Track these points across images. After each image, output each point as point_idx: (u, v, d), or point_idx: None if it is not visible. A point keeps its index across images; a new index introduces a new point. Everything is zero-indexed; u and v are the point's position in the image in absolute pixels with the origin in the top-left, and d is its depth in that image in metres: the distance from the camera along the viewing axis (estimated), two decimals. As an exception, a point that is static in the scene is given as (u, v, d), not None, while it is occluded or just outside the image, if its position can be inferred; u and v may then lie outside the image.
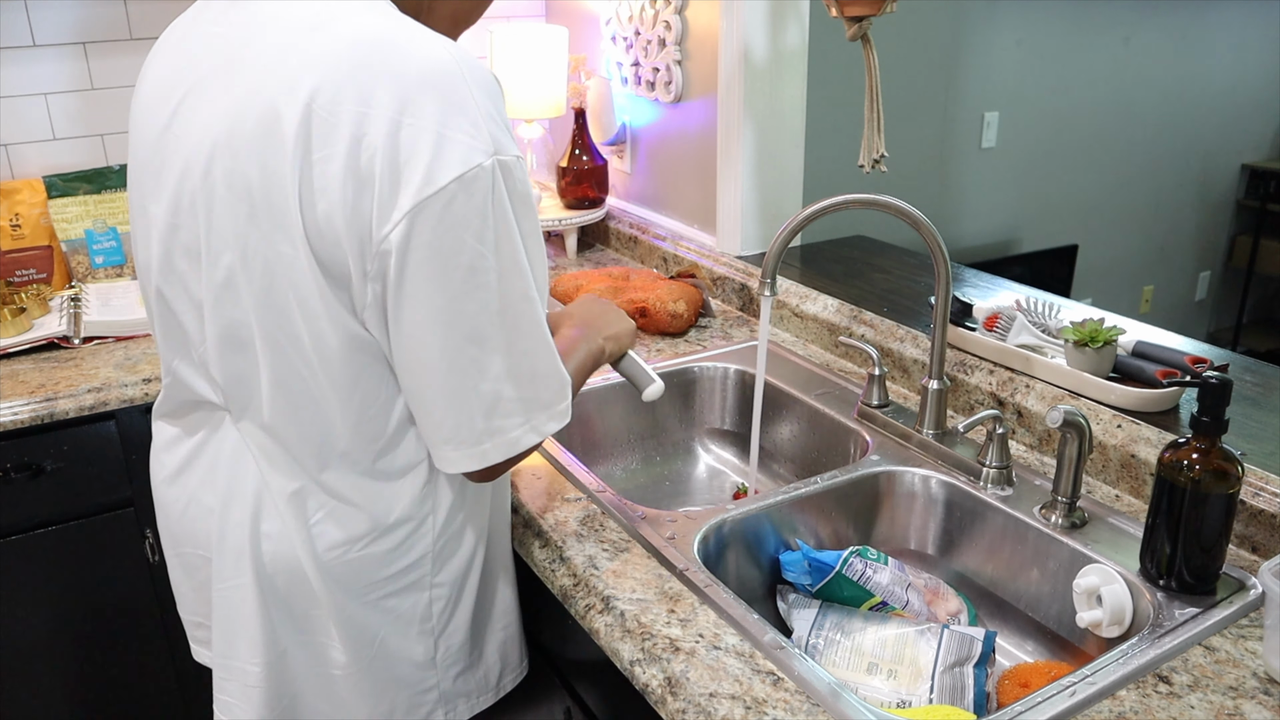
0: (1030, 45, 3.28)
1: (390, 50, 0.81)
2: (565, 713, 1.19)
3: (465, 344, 0.84)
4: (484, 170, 0.80)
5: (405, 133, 0.78)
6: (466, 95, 0.80)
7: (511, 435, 0.89)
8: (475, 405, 0.86)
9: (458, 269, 0.81)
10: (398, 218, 0.79)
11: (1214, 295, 4.29)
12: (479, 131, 0.80)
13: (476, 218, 0.80)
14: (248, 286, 0.86)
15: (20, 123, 1.88)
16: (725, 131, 1.79)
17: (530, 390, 0.89)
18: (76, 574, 1.59)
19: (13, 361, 1.61)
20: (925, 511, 1.24)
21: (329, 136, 0.79)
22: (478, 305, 0.83)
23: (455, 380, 0.85)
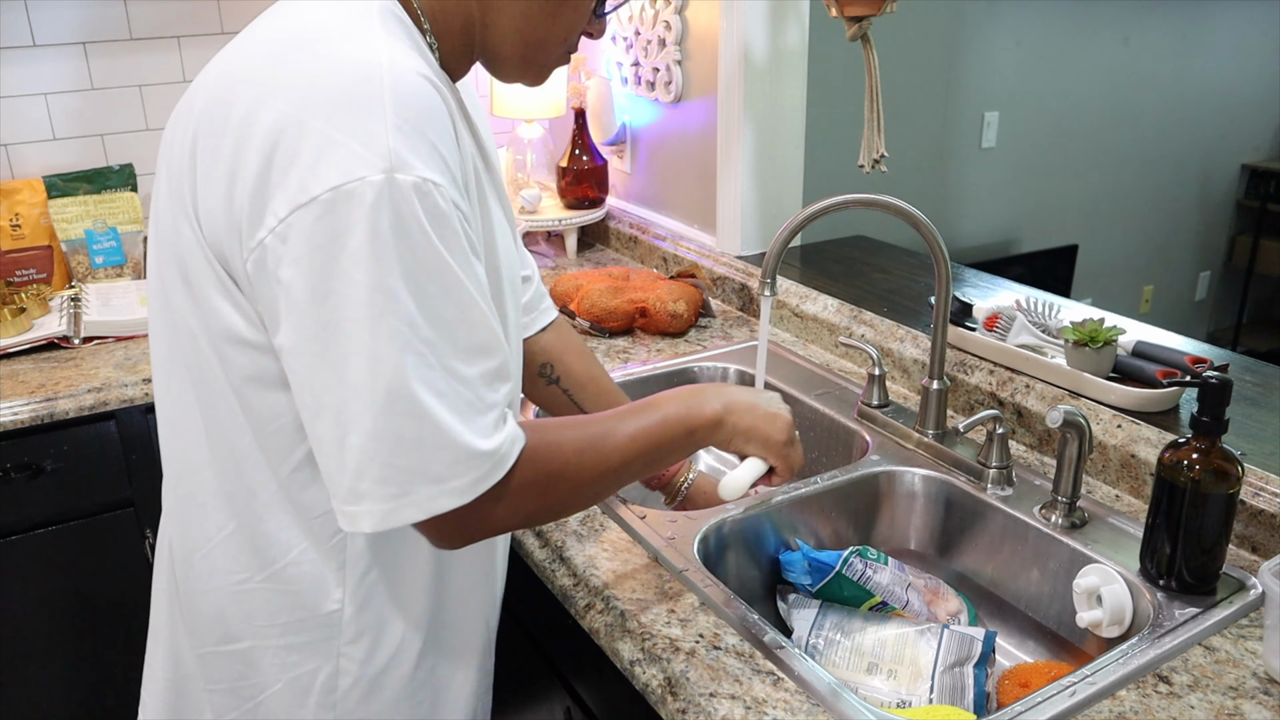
0: (1030, 45, 3.28)
1: (311, 45, 0.74)
2: (565, 713, 1.19)
3: (331, 383, 0.71)
4: (368, 185, 0.68)
5: (290, 134, 0.70)
6: (374, 103, 0.70)
7: (384, 506, 0.73)
8: (344, 458, 0.73)
9: (328, 295, 0.70)
10: (270, 223, 0.71)
11: (1214, 295, 4.29)
12: (374, 142, 0.69)
13: (354, 240, 0.69)
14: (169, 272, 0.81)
15: (20, 123, 1.88)
16: (725, 131, 1.79)
17: (409, 459, 0.72)
18: (76, 574, 1.59)
19: (13, 361, 1.61)
20: (925, 511, 1.24)
21: (219, 135, 0.74)
22: (346, 343, 0.70)
23: (324, 423, 0.73)
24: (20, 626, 1.58)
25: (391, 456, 0.72)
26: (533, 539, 1.14)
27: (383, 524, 0.74)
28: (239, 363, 0.79)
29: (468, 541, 0.82)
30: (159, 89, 1.98)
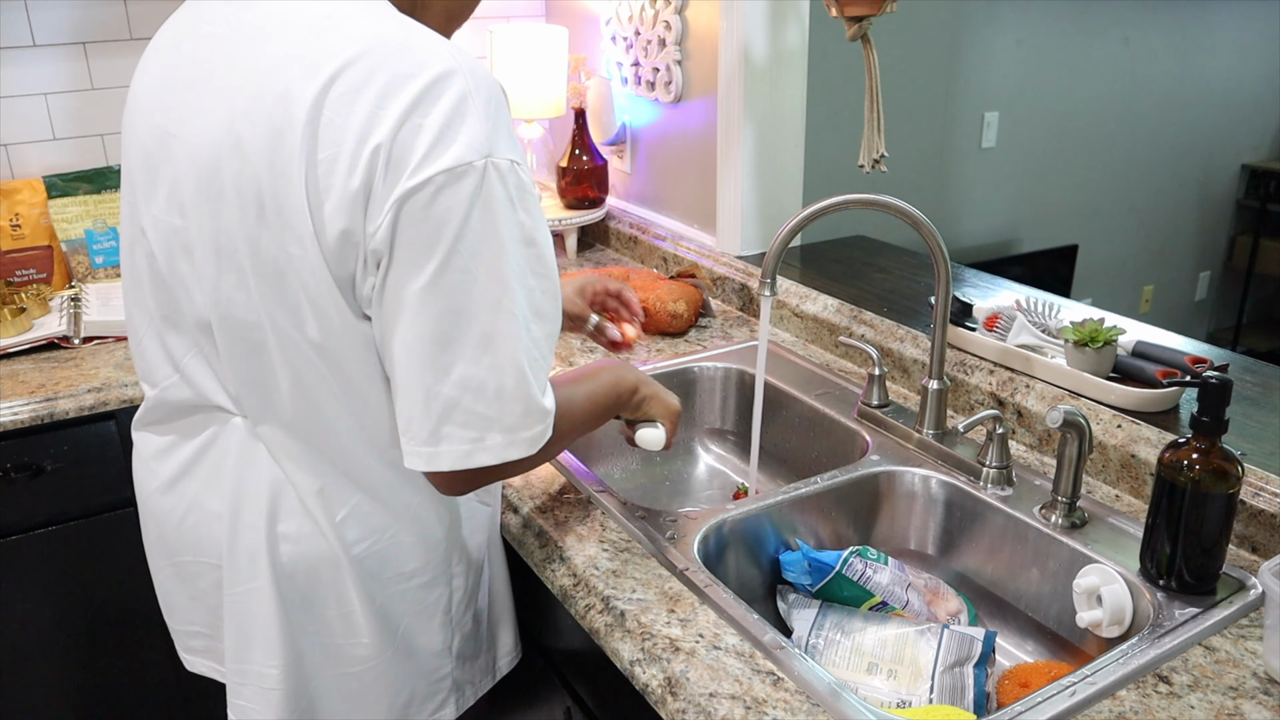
0: (1030, 45, 3.28)
1: (398, 54, 0.81)
2: (565, 713, 1.19)
3: (428, 340, 0.83)
4: (473, 169, 0.80)
5: (405, 132, 0.79)
6: (469, 99, 0.81)
7: (461, 448, 0.86)
8: (430, 405, 0.84)
9: (431, 262, 0.81)
10: (387, 208, 0.80)
11: (1214, 295, 4.29)
12: (475, 133, 0.81)
13: (459, 214, 0.80)
14: (259, 288, 0.86)
15: (20, 123, 1.88)
16: (725, 131, 1.79)
17: (490, 408, 0.85)
18: (76, 574, 1.59)
19: (13, 361, 1.61)
20: (925, 511, 1.24)
21: (335, 137, 0.80)
22: (446, 304, 0.82)
23: (414, 374, 0.84)
24: (20, 626, 1.58)
25: (475, 403, 0.84)
26: (533, 539, 1.14)
27: (458, 464, 0.86)
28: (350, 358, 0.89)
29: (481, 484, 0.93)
30: (159, 89, 1.98)
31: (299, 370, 0.89)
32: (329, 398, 0.91)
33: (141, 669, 1.69)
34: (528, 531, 1.15)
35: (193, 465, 0.99)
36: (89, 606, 1.61)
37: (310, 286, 0.84)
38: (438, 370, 0.83)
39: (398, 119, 0.79)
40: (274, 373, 0.90)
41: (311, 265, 0.83)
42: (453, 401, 0.84)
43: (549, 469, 1.26)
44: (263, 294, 0.86)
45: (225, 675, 1.04)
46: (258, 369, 0.91)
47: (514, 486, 1.22)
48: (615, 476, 1.52)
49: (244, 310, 0.88)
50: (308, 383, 0.90)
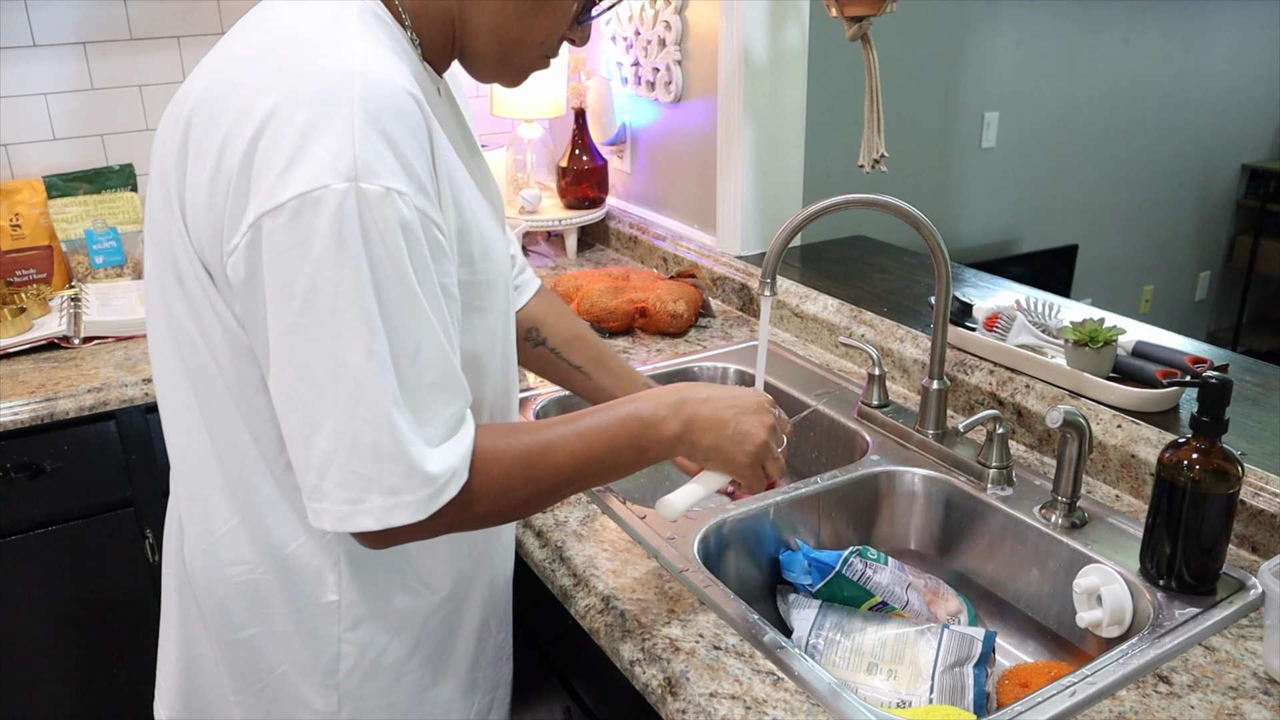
0: (1030, 45, 3.28)
1: (290, 51, 0.75)
2: (565, 713, 1.19)
3: (299, 385, 0.74)
4: (332, 193, 0.70)
5: (266, 139, 0.72)
6: (344, 110, 0.71)
7: (340, 509, 0.75)
8: (309, 457, 0.75)
9: (293, 299, 0.72)
10: (243, 229, 0.73)
11: (1214, 295, 4.29)
12: (342, 150, 0.70)
13: (318, 245, 0.71)
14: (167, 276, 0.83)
15: (20, 123, 1.88)
16: (725, 131, 1.79)
17: (367, 467, 0.74)
18: (76, 574, 1.59)
19: (13, 361, 1.61)
20: (925, 511, 1.24)
21: (206, 136, 0.76)
22: (312, 345, 0.73)
23: (292, 421, 0.75)
24: (20, 626, 1.58)
25: (350, 461, 0.74)
26: (533, 539, 1.14)
27: (341, 525, 0.76)
28: (231, 362, 0.82)
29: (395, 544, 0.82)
30: (159, 89, 1.98)
31: (194, 369, 0.84)
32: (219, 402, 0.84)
33: (141, 669, 1.69)
34: (528, 531, 1.15)
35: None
36: (89, 606, 1.61)
37: (188, 279, 0.81)
38: (311, 420, 0.74)
39: (259, 123, 0.72)
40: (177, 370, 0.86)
41: (188, 260, 0.80)
42: (328, 456, 0.74)
43: (549, 469, 1.26)
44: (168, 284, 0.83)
45: None
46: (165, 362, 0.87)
47: (514, 486, 1.22)
48: (615, 476, 1.52)
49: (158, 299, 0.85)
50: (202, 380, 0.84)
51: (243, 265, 0.74)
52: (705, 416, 0.92)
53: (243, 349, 0.80)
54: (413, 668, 0.94)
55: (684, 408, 0.91)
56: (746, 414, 0.95)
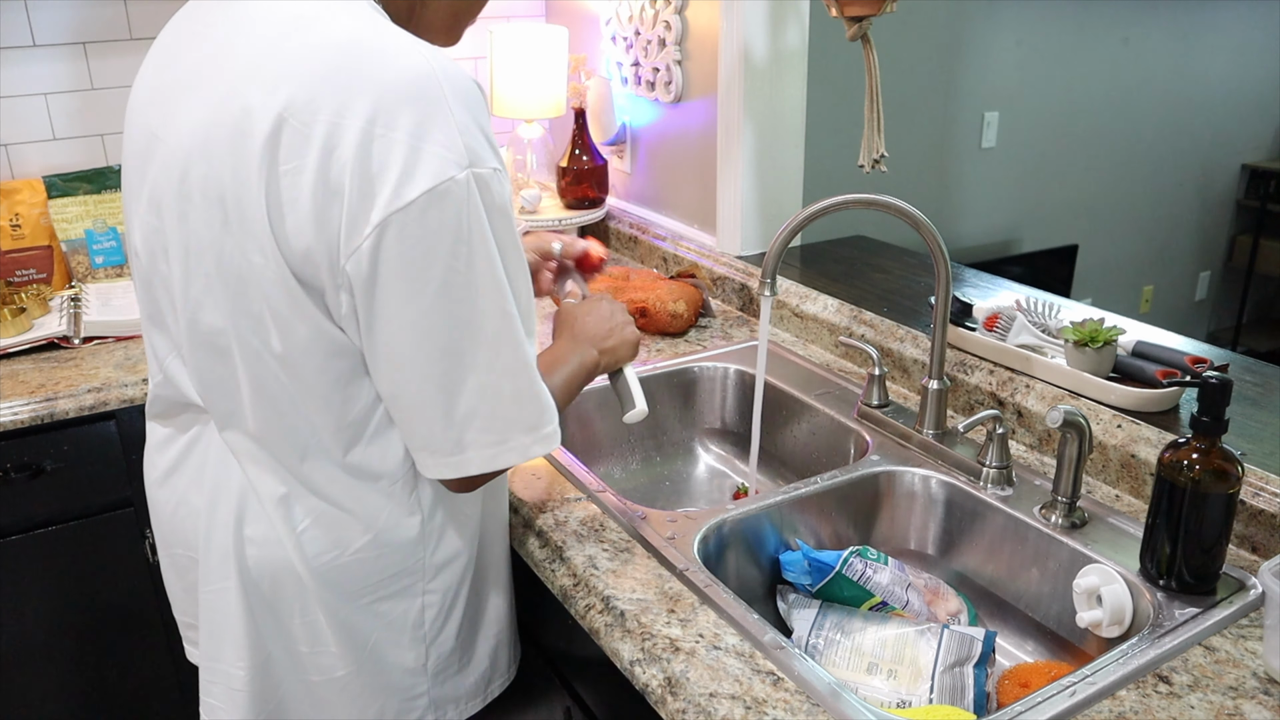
0: (1030, 45, 3.28)
1: (366, 58, 0.79)
2: (565, 713, 1.19)
3: (440, 358, 0.83)
4: (457, 184, 0.78)
5: (378, 145, 0.77)
6: (442, 106, 0.78)
7: (488, 452, 0.87)
8: (451, 418, 0.85)
9: (430, 282, 0.80)
10: (367, 231, 0.78)
11: (1214, 295, 4.29)
12: (453, 144, 0.78)
13: (450, 231, 0.79)
14: (224, 293, 0.85)
15: (20, 123, 1.88)
16: (725, 131, 1.79)
17: (508, 410, 0.87)
18: (76, 574, 1.59)
19: (13, 361, 1.61)
20: (925, 511, 1.24)
21: (300, 148, 0.78)
22: (452, 320, 0.82)
23: (430, 393, 0.84)
24: (20, 626, 1.58)
25: (495, 409, 0.86)
26: (533, 539, 1.14)
27: (486, 466, 0.88)
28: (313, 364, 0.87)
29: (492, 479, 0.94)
30: (159, 89, 1.98)
31: (261, 380, 0.88)
32: (291, 408, 0.89)
33: (141, 669, 1.69)
34: (528, 531, 1.15)
35: (182, 460, 1.00)
36: (89, 606, 1.61)
37: (272, 297, 0.83)
38: (454, 384, 0.84)
39: (363, 130, 0.77)
40: (237, 380, 0.89)
41: (273, 275, 0.82)
42: (472, 410, 0.85)
43: (548, 467, 1.26)
44: (228, 300, 0.85)
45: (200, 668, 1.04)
46: (222, 374, 0.90)
47: (513, 487, 1.22)
48: (615, 476, 1.52)
49: (210, 315, 0.87)
50: (270, 392, 0.88)
51: (366, 263, 0.79)
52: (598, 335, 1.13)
53: (338, 348, 0.86)
54: (472, 599, 1.06)
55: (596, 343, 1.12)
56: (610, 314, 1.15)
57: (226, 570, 0.96)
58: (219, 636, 0.99)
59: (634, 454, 1.54)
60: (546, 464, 1.27)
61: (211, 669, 1.01)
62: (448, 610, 1.03)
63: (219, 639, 0.99)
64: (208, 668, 1.02)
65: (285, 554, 0.94)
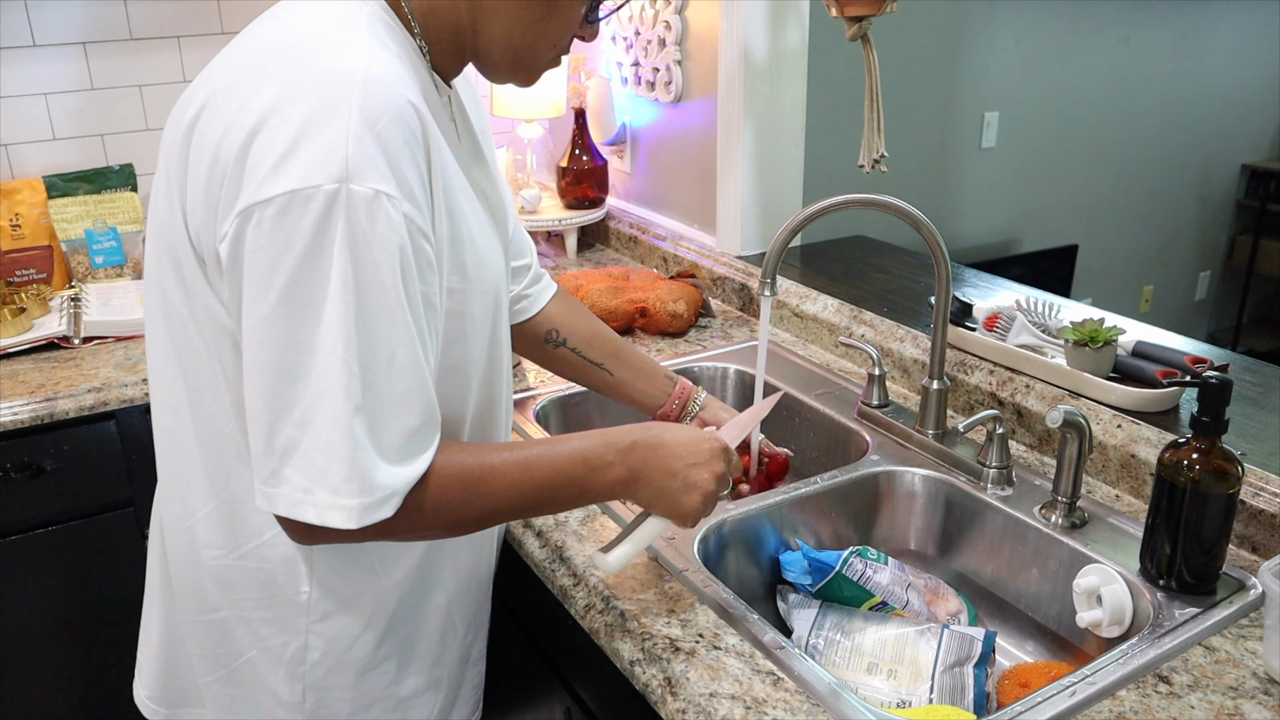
0: (1030, 45, 3.28)
1: (296, 54, 0.77)
2: (565, 713, 1.19)
3: (271, 374, 0.76)
4: (321, 193, 0.72)
5: (263, 135, 0.74)
6: (341, 112, 0.73)
7: (293, 495, 0.77)
8: (273, 443, 0.77)
9: (271, 290, 0.74)
10: (231, 217, 0.75)
11: (1214, 295, 4.29)
12: (334, 152, 0.73)
13: (302, 241, 0.73)
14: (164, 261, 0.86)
15: (20, 123, 1.88)
16: (725, 131, 1.79)
17: (320, 459, 0.76)
18: (76, 574, 1.59)
19: (13, 361, 1.61)
20: (925, 511, 1.24)
21: (207, 132, 0.78)
22: (286, 338, 0.74)
23: (259, 408, 0.77)
24: (20, 626, 1.58)
25: (309, 451, 0.76)
26: (533, 539, 1.14)
27: (291, 512, 0.77)
28: (219, 349, 0.84)
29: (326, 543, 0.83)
30: (159, 89, 1.98)
31: (184, 352, 0.87)
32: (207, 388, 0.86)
33: (141, 669, 1.69)
34: (528, 531, 1.15)
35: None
36: (89, 606, 1.61)
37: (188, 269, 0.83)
38: (280, 407, 0.76)
39: (257, 119, 0.74)
40: (168, 352, 0.89)
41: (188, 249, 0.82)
42: (293, 443, 0.76)
43: (549, 469, 1.26)
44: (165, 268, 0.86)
45: None
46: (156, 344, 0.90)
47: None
48: (615, 476, 1.52)
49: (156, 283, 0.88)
50: (190, 366, 0.87)
51: (228, 252, 0.76)
52: (653, 466, 0.89)
53: (231, 335, 0.82)
54: (378, 660, 0.96)
55: (632, 454, 0.89)
56: (698, 465, 0.91)
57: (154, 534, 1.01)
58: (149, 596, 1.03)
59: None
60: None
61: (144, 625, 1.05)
62: (338, 657, 0.93)
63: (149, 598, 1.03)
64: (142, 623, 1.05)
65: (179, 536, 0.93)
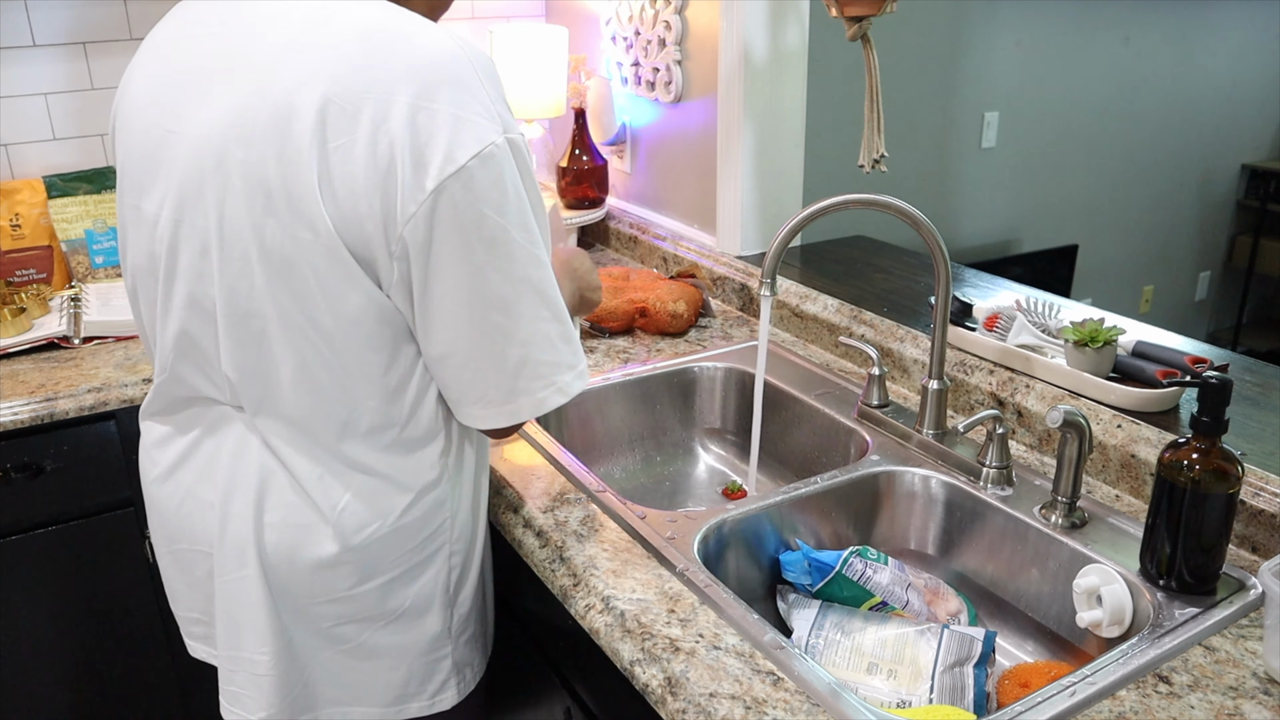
0: (1030, 45, 3.28)
1: (399, 41, 0.85)
2: (565, 713, 1.19)
3: (491, 311, 0.89)
4: (498, 148, 0.85)
5: (422, 117, 0.82)
6: (474, 81, 0.85)
7: (539, 395, 0.94)
8: (504, 368, 0.91)
9: (480, 242, 0.86)
10: (422, 197, 0.83)
11: (1214, 295, 4.29)
12: (489, 113, 0.85)
13: (494, 193, 0.85)
14: (264, 276, 0.87)
15: (20, 123, 1.88)
16: (725, 131, 1.79)
17: (554, 353, 0.93)
18: (76, 574, 1.59)
19: (13, 361, 1.61)
20: (925, 511, 1.24)
21: (347, 126, 0.82)
22: (501, 275, 0.88)
23: (484, 346, 0.90)
24: (20, 626, 1.58)
25: (541, 354, 0.93)
26: (533, 539, 1.14)
27: (535, 411, 0.95)
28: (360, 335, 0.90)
29: None
30: (159, 89, 1.98)
31: (304, 357, 0.91)
32: (333, 385, 0.92)
33: (141, 668, 1.69)
34: (528, 531, 1.15)
35: (188, 455, 1.01)
36: (89, 606, 1.61)
37: (322, 271, 0.86)
38: (505, 335, 0.90)
39: (409, 104, 0.82)
40: (275, 361, 0.91)
41: (324, 250, 0.85)
42: (523, 358, 0.91)
43: (549, 468, 1.26)
44: (269, 281, 0.88)
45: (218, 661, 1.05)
46: (258, 358, 0.92)
47: (514, 487, 1.22)
48: (615, 476, 1.52)
49: (245, 299, 0.89)
50: (311, 369, 0.91)
51: (423, 228, 0.84)
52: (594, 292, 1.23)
53: (386, 315, 0.90)
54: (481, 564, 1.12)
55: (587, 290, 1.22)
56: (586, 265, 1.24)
57: (245, 559, 0.97)
58: (238, 626, 1.00)
59: (634, 454, 1.54)
60: (546, 464, 1.27)
61: (233, 658, 1.02)
62: (465, 569, 1.08)
63: (238, 628, 1.00)
64: (229, 657, 1.02)
65: (312, 535, 0.96)
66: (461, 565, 1.07)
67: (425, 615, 1.05)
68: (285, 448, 0.95)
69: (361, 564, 0.98)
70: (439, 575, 1.04)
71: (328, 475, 0.95)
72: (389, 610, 1.02)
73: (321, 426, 0.94)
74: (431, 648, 1.07)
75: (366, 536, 0.97)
